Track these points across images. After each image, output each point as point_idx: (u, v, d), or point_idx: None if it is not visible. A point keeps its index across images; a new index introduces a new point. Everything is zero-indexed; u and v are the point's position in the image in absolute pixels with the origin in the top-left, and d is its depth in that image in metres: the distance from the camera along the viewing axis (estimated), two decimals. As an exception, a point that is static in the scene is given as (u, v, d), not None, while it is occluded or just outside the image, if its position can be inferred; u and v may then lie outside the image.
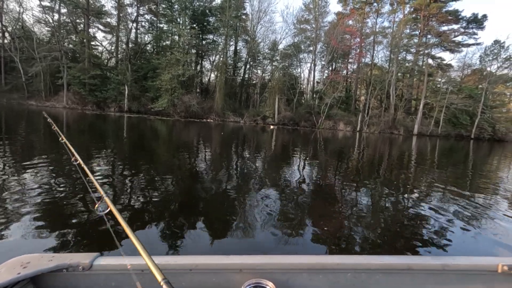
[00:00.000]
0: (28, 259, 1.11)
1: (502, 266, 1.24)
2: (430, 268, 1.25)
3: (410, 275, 1.25)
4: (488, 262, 1.29)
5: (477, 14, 35.07)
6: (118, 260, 1.16)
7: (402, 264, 1.25)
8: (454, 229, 3.38)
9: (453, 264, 1.25)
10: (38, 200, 3.22)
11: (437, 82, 38.88)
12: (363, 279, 1.23)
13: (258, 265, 1.18)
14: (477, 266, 1.28)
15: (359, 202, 4.36)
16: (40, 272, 1.06)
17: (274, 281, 1.13)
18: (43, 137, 8.85)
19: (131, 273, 1.09)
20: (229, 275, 1.16)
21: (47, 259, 1.12)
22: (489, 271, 1.26)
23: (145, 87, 30.76)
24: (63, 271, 1.11)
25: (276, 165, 7.45)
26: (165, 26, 34.56)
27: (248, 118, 31.33)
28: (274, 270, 1.19)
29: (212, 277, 1.16)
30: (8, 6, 30.12)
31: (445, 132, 34.14)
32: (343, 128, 31.69)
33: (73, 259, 1.13)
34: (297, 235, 2.92)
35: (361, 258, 1.29)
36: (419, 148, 17.54)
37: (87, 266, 1.11)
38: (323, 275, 1.22)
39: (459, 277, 1.26)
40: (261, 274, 1.16)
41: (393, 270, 1.24)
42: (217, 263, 1.18)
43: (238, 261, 1.19)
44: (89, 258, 1.14)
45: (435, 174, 7.67)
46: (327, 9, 37.07)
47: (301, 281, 1.20)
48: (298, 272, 1.21)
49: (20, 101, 27.82)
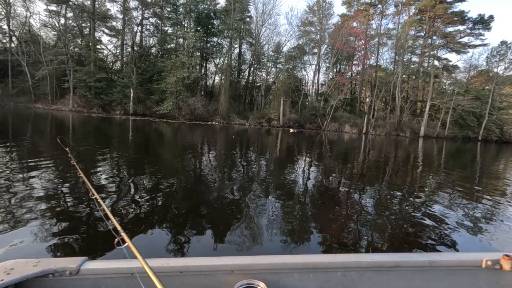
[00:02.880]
0: (12, 264, 1.06)
1: (486, 261, 1.27)
2: (418, 265, 1.28)
3: (399, 272, 1.27)
4: (473, 257, 1.33)
5: (484, 15, 34.77)
6: (106, 264, 1.14)
7: (391, 261, 1.27)
8: (461, 233, 3.34)
9: (440, 260, 1.28)
10: (43, 207, 3.15)
11: (443, 84, 38.52)
12: (353, 277, 1.24)
13: (249, 266, 1.18)
14: (463, 262, 1.32)
15: (365, 206, 4.34)
16: (25, 278, 1.01)
17: (265, 282, 1.13)
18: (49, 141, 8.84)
19: (120, 277, 1.10)
20: (220, 277, 1.13)
21: (32, 264, 1.07)
22: (474, 266, 1.30)
23: (150, 90, 30.86)
24: (49, 277, 1.07)
25: (287, 167, 7.34)
26: (169, 29, 34.77)
27: (253, 121, 31.24)
28: (265, 271, 1.19)
29: (203, 279, 1.14)
30: (15, 11, 30.54)
31: (452, 134, 33.74)
32: (349, 130, 31.46)
33: (59, 263, 1.09)
34: (303, 239, 2.89)
35: (351, 256, 1.32)
36: (426, 150, 17.36)
37: (74, 271, 1.08)
38: (314, 274, 1.22)
39: (446, 273, 1.29)
40: (252, 275, 1.16)
41: (382, 268, 1.26)
42: (208, 264, 1.17)
43: (229, 262, 1.18)
44: (77, 263, 1.10)
45: (441, 177, 7.60)
46: (331, 11, 37.07)
47: (292, 281, 1.21)
48: (289, 272, 1.21)
49: (27, 104, 28.03)
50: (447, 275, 1.29)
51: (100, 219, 2.88)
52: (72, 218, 2.97)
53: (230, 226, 3.07)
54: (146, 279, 1.13)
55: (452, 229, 3.43)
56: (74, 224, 2.83)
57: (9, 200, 3.29)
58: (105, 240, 2.49)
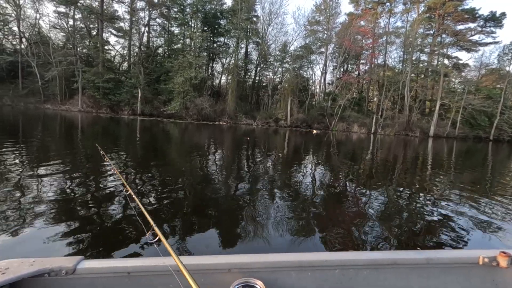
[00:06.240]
0: (7, 264, 1.06)
1: (483, 259, 1.28)
2: (415, 262, 1.28)
3: (396, 270, 1.27)
4: (470, 255, 1.33)
5: (495, 12, 34.00)
6: (102, 264, 1.14)
7: (388, 259, 1.27)
8: (472, 233, 3.29)
9: (437, 258, 1.28)
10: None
11: (453, 82, 37.84)
12: (350, 275, 1.24)
13: (247, 264, 1.18)
14: (460, 259, 1.32)
15: (373, 206, 4.28)
16: (20, 277, 1.01)
17: (263, 280, 1.13)
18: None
19: (116, 276, 1.10)
20: (218, 275, 1.12)
21: (28, 263, 1.07)
22: (470, 263, 1.30)
23: (157, 90, 30.95)
24: (45, 276, 1.06)
25: (296, 166, 7.24)
26: (176, 29, 34.85)
27: (260, 121, 31.09)
28: (263, 269, 1.19)
29: (201, 278, 1.13)
30: (25, 13, 30.94)
31: (462, 134, 33.10)
32: (357, 130, 31.09)
33: (55, 263, 1.09)
34: (306, 239, 2.88)
35: (348, 254, 1.31)
36: (436, 150, 17.02)
37: (71, 270, 1.08)
38: (311, 272, 1.22)
39: (443, 270, 1.30)
40: (250, 273, 1.16)
41: (380, 266, 1.26)
42: (206, 263, 1.16)
43: (226, 261, 1.18)
44: (73, 262, 1.10)
45: (451, 177, 7.47)
46: (338, 10, 36.75)
47: (289, 279, 1.21)
48: (287, 270, 1.21)
49: (36, 105, 28.36)
50: (444, 272, 1.30)
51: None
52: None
53: (232, 226, 3.08)
54: (144, 278, 1.12)
55: (462, 229, 3.38)
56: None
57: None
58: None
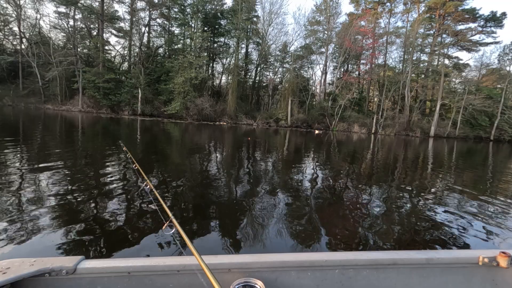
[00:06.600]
0: (8, 264, 1.06)
1: (483, 259, 1.28)
2: (415, 262, 1.28)
3: (396, 270, 1.27)
4: (470, 255, 1.33)
5: (496, 12, 34.05)
6: (103, 263, 1.14)
7: (388, 259, 1.27)
8: (472, 233, 3.28)
9: (437, 258, 1.28)
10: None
11: (453, 83, 37.83)
12: (350, 275, 1.24)
13: (247, 264, 1.18)
14: (460, 259, 1.32)
15: (373, 206, 4.26)
16: (21, 277, 1.01)
17: (263, 280, 1.13)
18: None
19: (117, 276, 1.10)
20: (217, 275, 1.10)
21: (28, 263, 1.07)
22: (470, 263, 1.30)
23: (158, 90, 30.96)
24: (45, 276, 1.07)
25: (296, 166, 7.20)
26: (177, 29, 34.87)
27: (260, 121, 31.10)
28: (263, 269, 1.19)
29: (200, 278, 1.13)
30: (26, 13, 30.97)
31: (463, 134, 33.10)
32: (358, 130, 31.09)
33: (56, 263, 1.09)
34: (307, 239, 2.86)
35: (349, 254, 1.31)
36: (436, 150, 16.99)
37: (71, 270, 1.08)
38: (311, 272, 1.23)
39: (443, 270, 1.30)
40: (250, 273, 1.16)
41: (380, 266, 1.26)
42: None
43: (226, 261, 1.19)
44: (73, 262, 1.10)
45: (451, 177, 7.44)
46: (338, 10, 36.75)
47: (289, 279, 1.21)
48: (287, 270, 1.22)
49: (37, 105, 28.38)
50: (444, 272, 1.30)
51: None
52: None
53: (232, 225, 3.05)
54: (145, 278, 1.13)
55: (462, 229, 3.37)
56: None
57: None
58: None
